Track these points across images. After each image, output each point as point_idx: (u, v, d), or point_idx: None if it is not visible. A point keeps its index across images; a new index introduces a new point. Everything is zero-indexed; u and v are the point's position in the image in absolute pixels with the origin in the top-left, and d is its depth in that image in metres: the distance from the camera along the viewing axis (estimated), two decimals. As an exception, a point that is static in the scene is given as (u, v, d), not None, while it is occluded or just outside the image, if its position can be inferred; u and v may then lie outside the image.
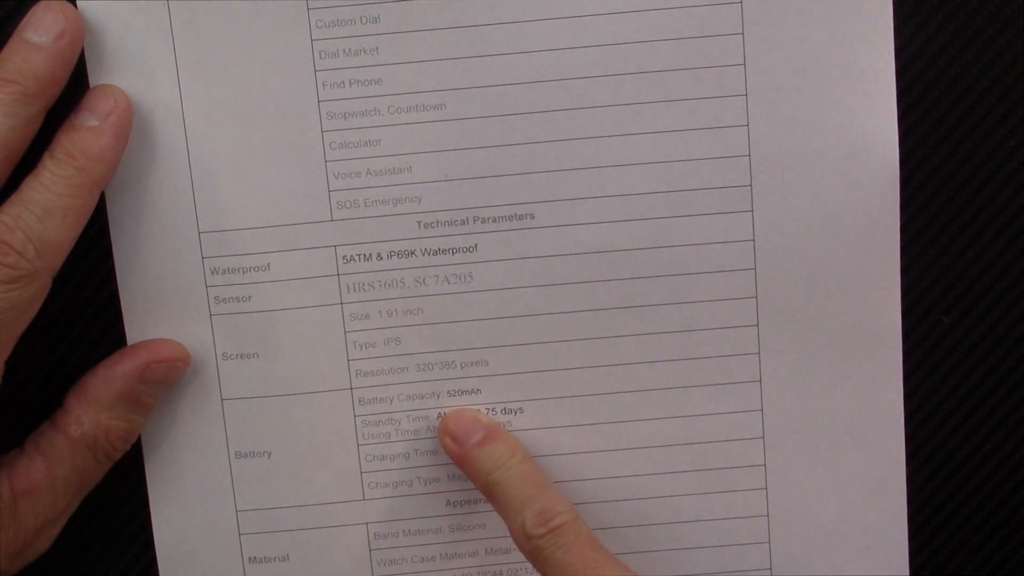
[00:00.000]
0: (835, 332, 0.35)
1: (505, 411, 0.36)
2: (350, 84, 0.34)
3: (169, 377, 0.34)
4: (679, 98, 0.34)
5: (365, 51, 0.34)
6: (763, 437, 0.36)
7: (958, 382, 0.36)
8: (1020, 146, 0.35)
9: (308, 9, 0.33)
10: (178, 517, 0.36)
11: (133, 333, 0.35)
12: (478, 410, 0.36)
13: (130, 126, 0.33)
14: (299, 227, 0.34)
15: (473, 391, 0.36)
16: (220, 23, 0.33)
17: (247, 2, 0.33)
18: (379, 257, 0.35)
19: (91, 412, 0.33)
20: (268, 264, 0.35)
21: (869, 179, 0.35)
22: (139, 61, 0.33)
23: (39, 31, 0.31)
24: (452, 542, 0.37)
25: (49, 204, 0.31)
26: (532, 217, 0.35)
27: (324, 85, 0.34)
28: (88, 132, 0.32)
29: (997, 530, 0.37)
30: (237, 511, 0.36)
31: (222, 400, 0.35)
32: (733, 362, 0.36)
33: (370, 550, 0.37)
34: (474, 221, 0.35)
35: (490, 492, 0.34)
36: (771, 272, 0.35)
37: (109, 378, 0.34)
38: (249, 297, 0.35)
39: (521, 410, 0.36)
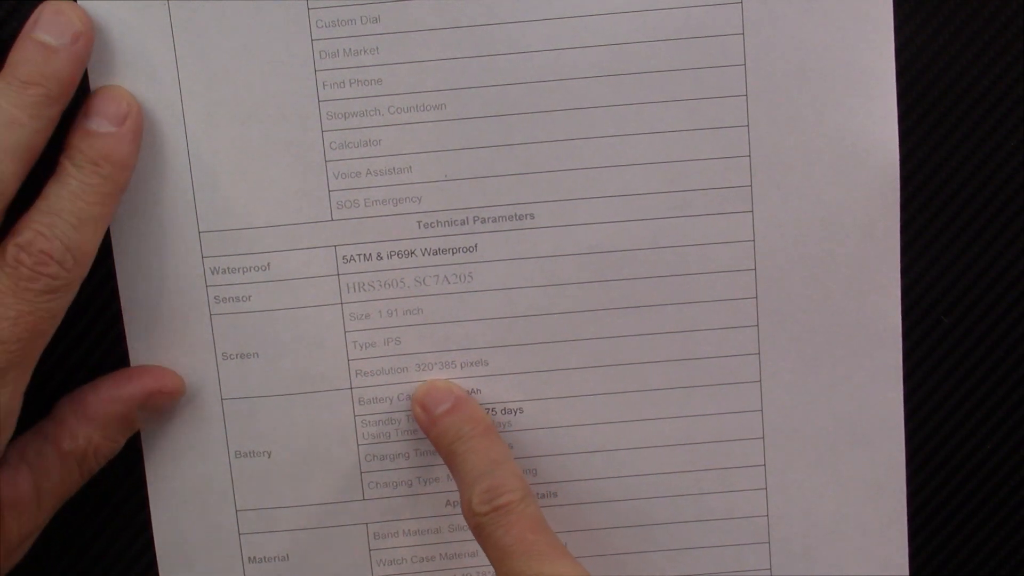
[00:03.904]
0: (835, 332, 0.35)
1: (505, 411, 0.36)
2: (350, 84, 0.34)
3: (166, 408, 0.35)
4: (679, 98, 0.34)
5: (365, 51, 0.34)
6: (763, 437, 0.36)
7: (958, 382, 0.36)
8: (1020, 146, 0.35)
9: (308, 9, 0.33)
10: (178, 517, 0.36)
11: (134, 333, 0.35)
12: (452, 381, 0.36)
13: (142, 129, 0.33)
14: (299, 227, 0.34)
15: (473, 391, 0.36)
16: (220, 23, 0.33)
17: (247, 2, 0.33)
18: (379, 257, 0.35)
19: (86, 428, 0.33)
20: (268, 264, 0.35)
21: (869, 179, 0.35)
22: (139, 61, 0.33)
23: (54, 33, 0.31)
24: (452, 542, 0.37)
25: (82, 213, 0.31)
26: (532, 217, 0.35)
27: (324, 85, 0.34)
28: (109, 138, 0.32)
29: (997, 530, 0.37)
30: (237, 511, 0.36)
31: (222, 400, 0.35)
32: (733, 362, 0.36)
33: (370, 550, 0.37)
34: (474, 221, 0.35)
35: (450, 463, 0.34)
36: (771, 272, 0.35)
37: (114, 399, 0.33)
38: (249, 297, 0.35)
39: (521, 410, 0.36)
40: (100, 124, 0.32)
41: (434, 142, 0.34)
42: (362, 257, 0.35)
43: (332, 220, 0.34)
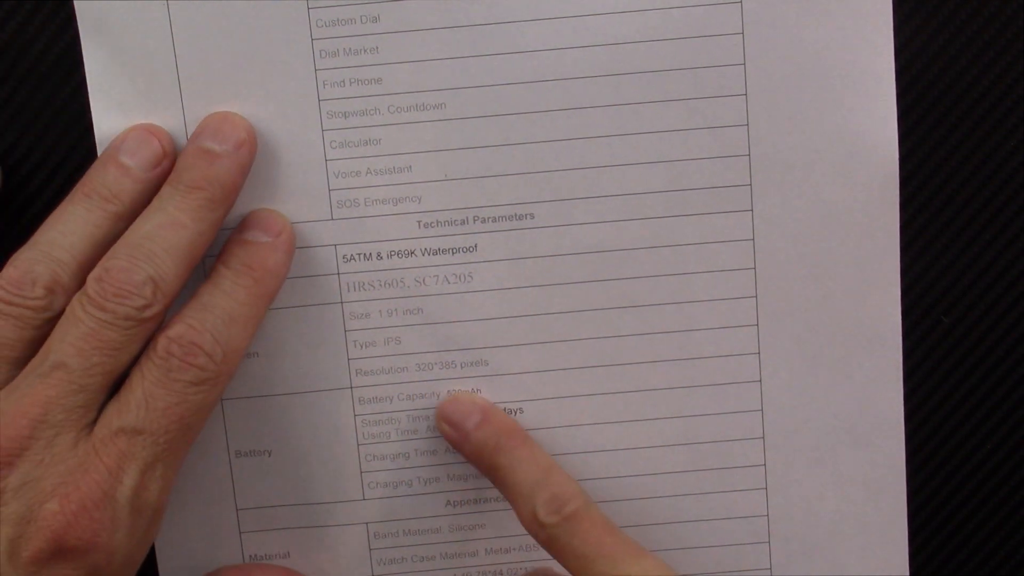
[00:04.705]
0: (835, 332, 0.35)
1: (505, 411, 0.36)
2: (350, 83, 0.34)
3: None
4: (679, 98, 0.34)
5: (365, 51, 0.34)
6: (763, 437, 0.36)
7: (958, 382, 0.36)
8: (1020, 146, 0.35)
9: (308, 9, 0.33)
10: (178, 516, 0.36)
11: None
12: (474, 392, 0.36)
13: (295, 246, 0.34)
14: (299, 226, 0.34)
15: (473, 391, 0.36)
16: (220, 23, 0.33)
17: (247, 2, 0.33)
18: (379, 256, 0.35)
19: None
20: (268, 263, 0.35)
21: (869, 179, 0.35)
22: (139, 61, 0.33)
23: (218, 140, 0.32)
24: (452, 542, 0.37)
25: (232, 311, 0.32)
26: (532, 217, 0.35)
27: (324, 85, 0.34)
28: (263, 247, 0.33)
29: (997, 530, 0.37)
30: (237, 510, 0.36)
31: (222, 400, 0.35)
32: (733, 362, 0.36)
33: (370, 550, 0.37)
34: (474, 221, 0.35)
35: (494, 476, 0.34)
36: (771, 272, 0.35)
37: None
38: (249, 296, 0.35)
39: (521, 410, 0.36)
40: (256, 236, 0.33)
41: (434, 142, 0.34)
42: (362, 256, 0.35)
43: (332, 219, 0.35)
